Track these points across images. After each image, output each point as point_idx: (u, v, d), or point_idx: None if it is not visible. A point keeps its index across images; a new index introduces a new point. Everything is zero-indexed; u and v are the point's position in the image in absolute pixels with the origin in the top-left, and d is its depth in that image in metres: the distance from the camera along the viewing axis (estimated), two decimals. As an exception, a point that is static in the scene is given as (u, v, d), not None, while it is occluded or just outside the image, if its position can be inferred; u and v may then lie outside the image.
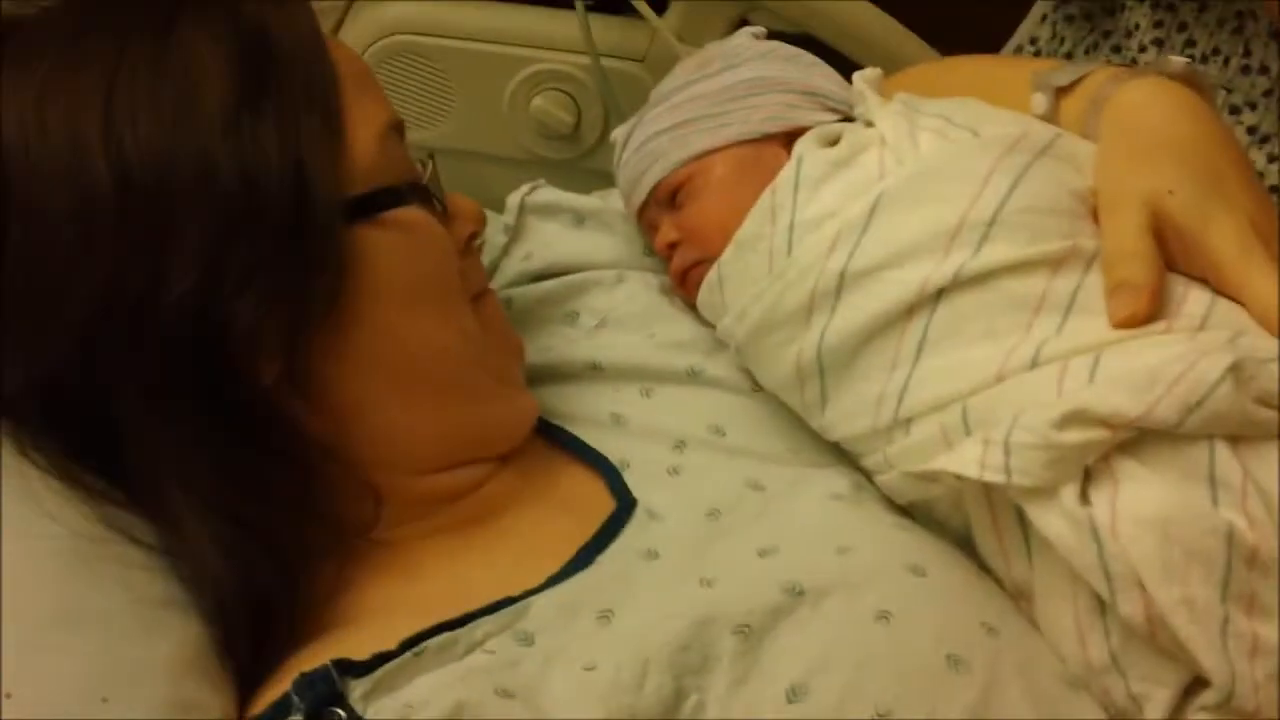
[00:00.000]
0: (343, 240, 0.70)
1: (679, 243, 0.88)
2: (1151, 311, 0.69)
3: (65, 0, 0.74)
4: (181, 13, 0.71)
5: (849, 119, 0.87)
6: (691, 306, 0.89)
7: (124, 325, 0.67)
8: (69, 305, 0.67)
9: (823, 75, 0.89)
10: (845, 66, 1.19)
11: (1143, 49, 1.20)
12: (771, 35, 1.25)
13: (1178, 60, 0.78)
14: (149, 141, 0.67)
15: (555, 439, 0.84)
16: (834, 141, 0.82)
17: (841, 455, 0.81)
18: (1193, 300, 0.69)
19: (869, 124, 0.82)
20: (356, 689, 0.61)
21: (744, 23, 1.24)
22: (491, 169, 1.28)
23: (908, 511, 0.77)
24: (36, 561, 0.66)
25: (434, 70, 1.25)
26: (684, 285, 0.89)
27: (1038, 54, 1.35)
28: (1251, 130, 1.17)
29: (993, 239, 0.72)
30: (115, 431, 0.69)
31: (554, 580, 0.72)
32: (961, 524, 0.74)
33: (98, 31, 0.71)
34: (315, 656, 0.65)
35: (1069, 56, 1.29)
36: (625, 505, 0.77)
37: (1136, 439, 0.64)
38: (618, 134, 0.93)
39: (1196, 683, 0.63)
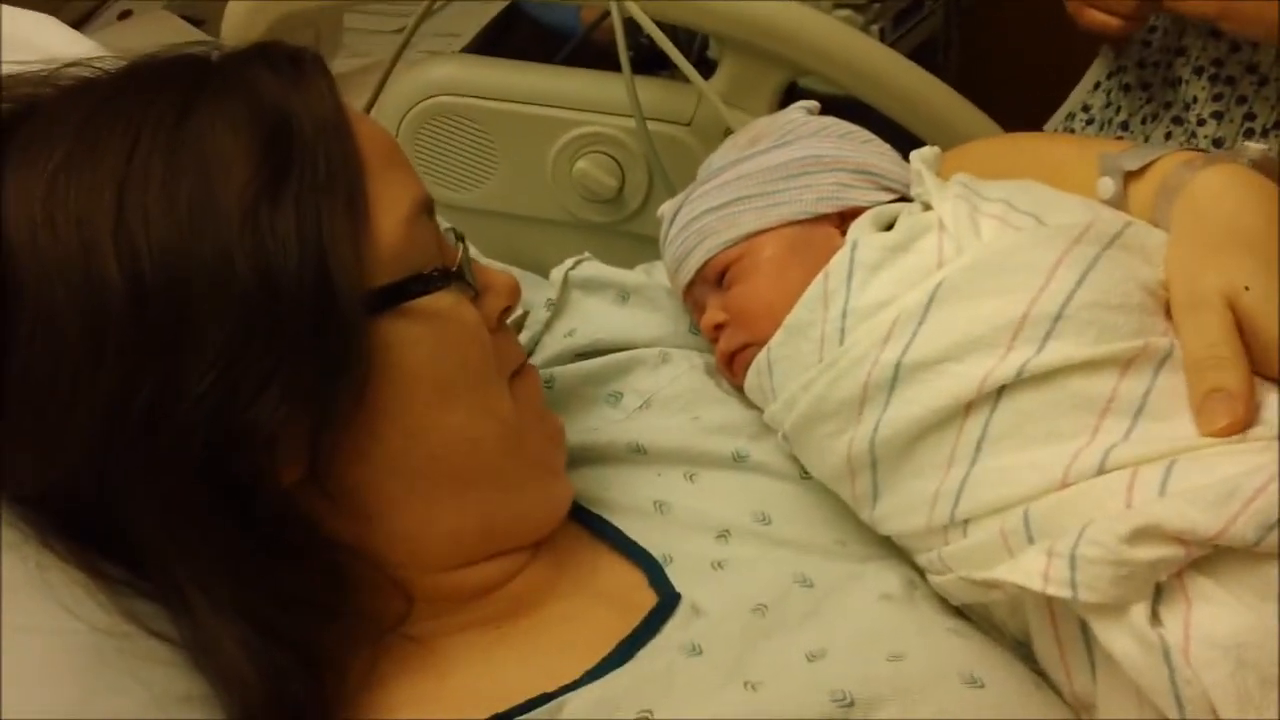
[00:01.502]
0: (368, 335, 0.67)
1: (726, 324, 0.85)
2: (1249, 420, 0.65)
3: (76, 85, 0.71)
4: (197, 99, 0.68)
5: (905, 198, 0.84)
6: (738, 388, 0.86)
7: (138, 430, 0.64)
8: (81, 408, 0.64)
9: (877, 153, 0.87)
10: (896, 132, 1.19)
11: (1201, 122, 1.17)
12: (820, 98, 1.24)
13: (1255, 147, 0.75)
14: (162, 240, 0.64)
15: (596, 530, 0.81)
16: (890, 224, 0.79)
17: (891, 548, 0.78)
18: (1270, 405, 0.66)
19: (926, 206, 0.79)
20: None
21: (793, 86, 1.22)
22: (534, 232, 1.26)
23: (962, 612, 0.74)
24: (52, 660, 0.63)
25: (477, 132, 1.23)
26: (731, 368, 0.86)
27: (1090, 122, 1.32)
28: (1316, 207, 1.14)
29: (1059, 335, 0.68)
30: (135, 533, 0.66)
31: (591, 675, 0.69)
32: (1020, 629, 0.71)
33: (110, 120, 0.67)
34: None
35: (1125, 126, 1.27)
36: (668, 600, 0.74)
37: (1211, 555, 0.61)
38: (664, 209, 0.90)
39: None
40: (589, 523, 0.82)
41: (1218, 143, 1.16)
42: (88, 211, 0.65)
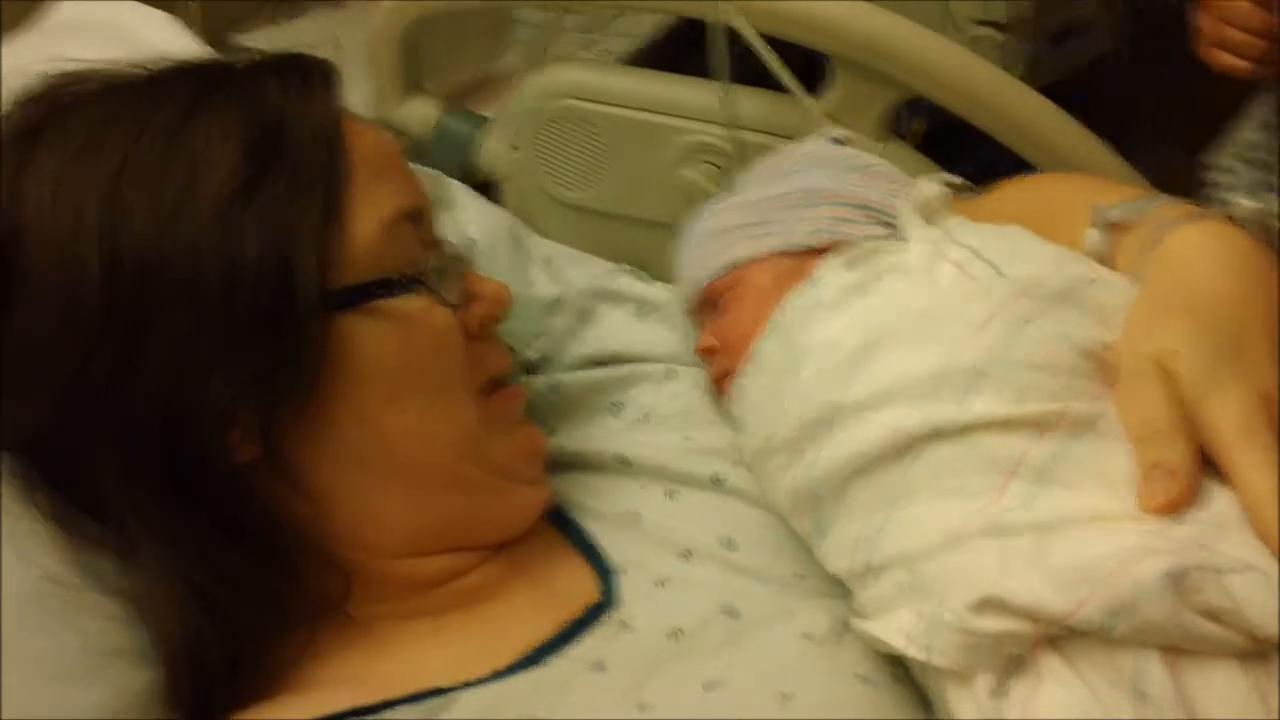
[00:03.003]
0: (324, 330, 0.72)
1: (715, 350, 0.86)
2: (1188, 497, 0.62)
3: (110, 86, 0.78)
4: (201, 105, 0.74)
5: (906, 235, 0.82)
6: (732, 411, 0.87)
7: (99, 395, 0.70)
8: (51, 375, 0.71)
9: (884, 188, 0.85)
10: (1006, 157, 1.15)
11: None
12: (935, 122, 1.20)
13: (1247, 204, 0.70)
14: (141, 231, 0.70)
15: (567, 532, 0.84)
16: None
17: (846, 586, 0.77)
18: None
19: (910, 248, 0.78)
20: None
21: (907, 106, 1.20)
22: (642, 233, 1.28)
23: (898, 659, 0.72)
24: None
25: (595, 135, 1.26)
26: (720, 392, 0.86)
27: (1251, 163, 1.24)
28: None
29: (979, 391, 0.67)
30: (100, 490, 0.73)
31: (498, 676, 0.72)
32: (926, 683, 0.69)
33: (122, 118, 0.74)
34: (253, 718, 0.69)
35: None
36: (599, 608, 0.76)
37: (1068, 635, 0.58)
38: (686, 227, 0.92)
39: None
40: (563, 525, 0.84)
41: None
42: (84, 199, 0.72)
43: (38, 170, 0.73)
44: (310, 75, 0.78)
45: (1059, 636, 0.59)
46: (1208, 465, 0.63)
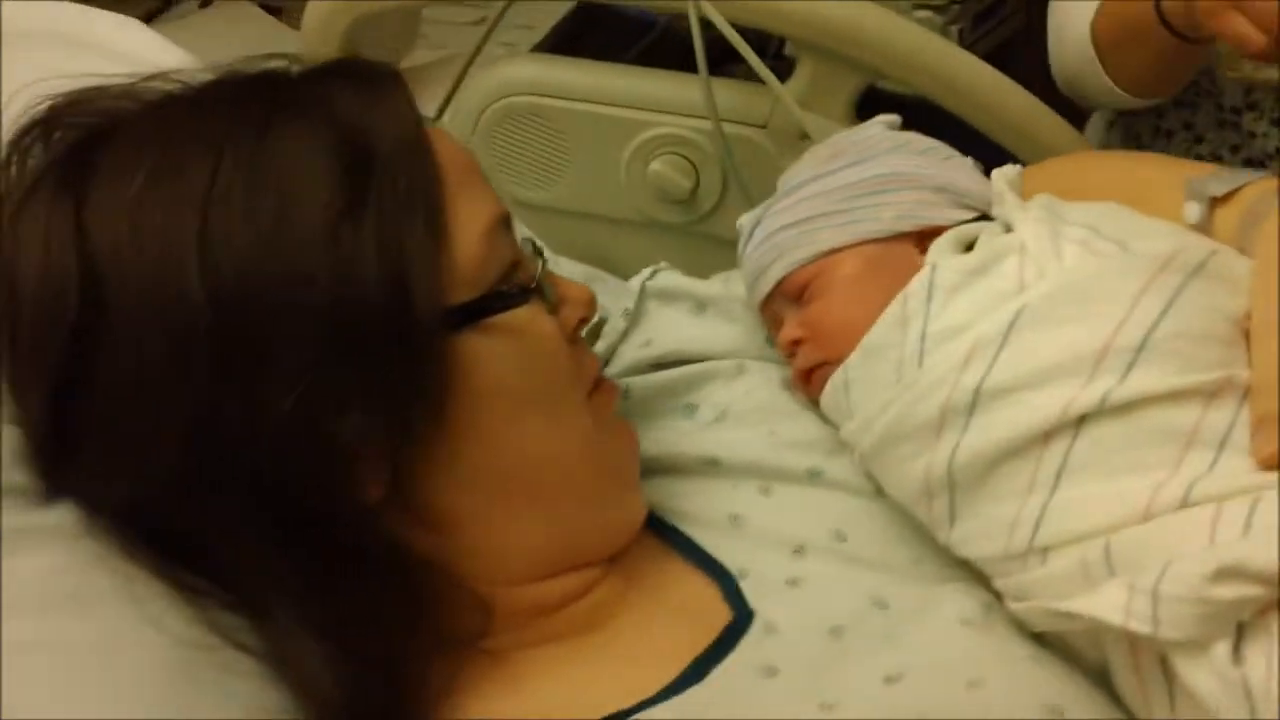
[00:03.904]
0: (447, 352, 0.68)
1: (803, 340, 0.85)
2: None
3: (158, 100, 0.72)
4: (277, 118, 0.68)
5: (985, 216, 0.83)
6: (813, 403, 0.86)
7: (221, 448, 0.65)
8: (165, 425, 0.65)
9: (958, 170, 0.86)
10: (973, 135, 1.17)
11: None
12: (900, 101, 1.22)
13: (1347, 175, 0.74)
14: (244, 260, 0.65)
15: (670, 541, 0.81)
16: (970, 245, 0.79)
17: (967, 569, 0.77)
18: None
19: (1008, 227, 0.79)
20: None
21: (870, 90, 1.21)
22: (607, 230, 1.27)
23: (1039, 637, 0.73)
24: (140, 676, 0.65)
25: (552, 131, 1.24)
26: (807, 384, 0.86)
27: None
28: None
29: (1141, 365, 0.68)
30: (218, 547, 0.68)
31: (669, 692, 0.69)
32: (1098, 659, 0.70)
33: (193, 139, 0.68)
34: None
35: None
36: (743, 617, 0.75)
37: (1297, 596, 0.60)
38: (743, 222, 0.90)
39: None
40: (662, 533, 0.82)
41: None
42: (172, 231, 0.65)
43: (104, 207, 0.67)
44: (381, 80, 0.73)
45: (1289, 598, 0.60)
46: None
